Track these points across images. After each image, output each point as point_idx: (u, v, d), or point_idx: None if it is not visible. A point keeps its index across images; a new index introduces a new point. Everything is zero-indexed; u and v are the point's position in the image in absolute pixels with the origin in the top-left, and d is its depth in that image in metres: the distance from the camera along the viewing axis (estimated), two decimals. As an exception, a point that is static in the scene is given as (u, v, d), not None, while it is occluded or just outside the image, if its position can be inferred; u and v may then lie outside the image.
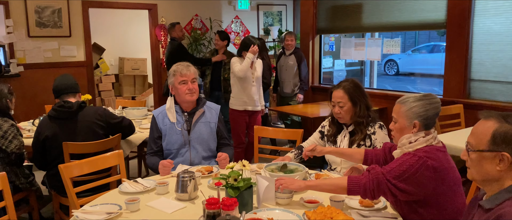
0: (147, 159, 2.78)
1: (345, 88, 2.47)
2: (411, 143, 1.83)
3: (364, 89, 2.53)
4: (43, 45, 5.72)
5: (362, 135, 2.45)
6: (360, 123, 2.46)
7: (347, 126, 2.54)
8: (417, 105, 1.86)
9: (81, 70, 6.07)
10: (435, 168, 1.73)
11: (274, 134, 3.14)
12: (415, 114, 1.86)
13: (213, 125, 2.80)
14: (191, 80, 2.70)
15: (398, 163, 1.77)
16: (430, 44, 17.11)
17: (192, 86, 2.70)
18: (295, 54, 5.44)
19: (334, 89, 2.52)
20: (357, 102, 2.45)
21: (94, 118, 3.01)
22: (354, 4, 5.32)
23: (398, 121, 1.92)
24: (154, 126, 2.77)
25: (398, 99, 1.96)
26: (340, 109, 2.45)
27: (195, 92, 2.72)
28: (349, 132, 2.52)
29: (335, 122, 2.59)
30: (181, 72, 2.71)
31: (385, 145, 2.20)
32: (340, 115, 2.46)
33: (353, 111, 2.45)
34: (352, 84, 2.49)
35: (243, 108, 4.41)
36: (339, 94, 2.46)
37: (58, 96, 3.03)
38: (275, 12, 7.99)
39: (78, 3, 5.91)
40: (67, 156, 2.88)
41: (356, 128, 2.48)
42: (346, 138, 2.52)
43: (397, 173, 1.75)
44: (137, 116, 4.19)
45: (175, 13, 6.73)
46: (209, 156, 2.80)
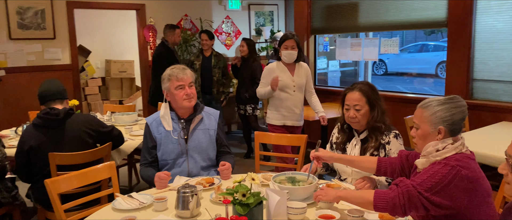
0: (140, 170, 2.57)
1: (362, 90, 2.28)
2: (438, 151, 1.67)
3: (379, 93, 2.36)
4: (25, 48, 5.45)
5: (376, 143, 2.25)
6: (377, 129, 2.26)
7: (358, 133, 2.35)
8: (442, 110, 1.70)
9: (67, 74, 5.81)
10: (469, 178, 1.58)
11: (277, 140, 2.96)
12: (440, 119, 1.70)
13: (212, 132, 2.60)
14: (188, 84, 2.50)
15: (429, 174, 1.61)
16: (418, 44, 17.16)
17: (190, 91, 2.49)
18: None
19: (348, 91, 2.33)
20: (375, 106, 2.27)
21: (82, 126, 2.79)
22: (349, 3, 5.17)
23: (421, 127, 1.75)
24: (148, 134, 2.56)
25: (420, 103, 1.79)
26: (356, 112, 2.25)
27: (193, 98, 2.52)
28: (361, 140, 2.33)
29: (344, 128, 2.40)
30: (177, 76, 2.50)
31: (401, 152, 2.03)
32: (356, 119, 2.27)
33: (371, 115, 2.26)
34: (368, 86, 2.32)
35: (282, 123, 3.79)
36: (355, 97, 2.27)
37: (43, 103, 2.80)
38: (267, 12, 7.82)
39: (62, 3, 5.65)
40: (54, 168, 2.66)
41: (371, 134, 2.28)
42: (357, 146, 2.33)
43: (429, 184, 1.58)
44: (127, 121, 3.97)
45: (164, 13, 6.51)
46: (208, 166, 2.60)
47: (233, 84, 6.16)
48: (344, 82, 7.14)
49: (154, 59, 5.46)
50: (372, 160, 2.07)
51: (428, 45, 16.79)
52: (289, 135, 2.94)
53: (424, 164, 1.72)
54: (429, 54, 15.84)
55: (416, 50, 16.65)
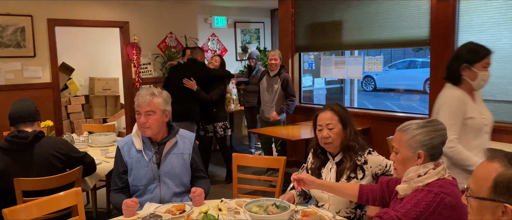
0: (111, 196, 2.46)
1: (334, 109, 2.23)
2: (420, 176, 1.60)
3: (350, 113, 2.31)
4: (4, 66, 5.33)
5: (351, 163, 2.17)
6: (351, 148, 2.19)
7: (333, 156, 2.27)
8: (421, 133, 1.64)
9: (47, 92, 5.68)
10: (453, 206, 1.51)
11: (255, 162, 2.87)
12: (419, 143, 1.64)
13: (187, 156, 2.49)
14: (144, 112, 2.34)
15: (412, 203, 1.54)
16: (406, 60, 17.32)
17: (143, 120, 2.33)
18: (279, 76, 4.96)
19: (320, 112, 2.27)
20: (347, 124, 2.21)
21: (52, 150, 2.67)
22: (333, 21, 5.15)
23: (400, 151, 1.69)
24: (119, 158, 2.45)
25: (399, 127, 1.73)
26: (330, 131, 2.18)
27: (149, 128, 2.35)
28: (336, 163, 2.25)
29: (318, 153, 2.32)
30: (136, 101, 2.39)
31: (381, 179, 1.95)
32: (329, 139, 2.18)
33: (344, 134, 2.20)
34: (339, 106, 2.27)
35: None
36: (327, 116, 2.22)
37: (13, 125, 2.69)
38: (253, 29, 7.80)
39: (43, 21, 5.56)
40: (20, 194, 2.53)
41: (345, 154, 2.21)
42: (332, 170, 2.24)
43: (413, 215, 1.51)
44: (104, 142, 3.85)
45: (148, 31, 6.45)
46: (182, 192, 2.49)
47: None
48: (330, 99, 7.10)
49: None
50: (354, 187, 1.99)
51: (416, 61, 16.94)
52: (267, 157, 2.85)
53: (406, 190, 1.65)
54: (417, 70, 15.98)
55: (404, 67, 16.79)
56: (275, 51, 5.06)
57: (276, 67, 5.01)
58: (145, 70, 6.52)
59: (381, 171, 2.17)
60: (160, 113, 2.39)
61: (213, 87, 4.95)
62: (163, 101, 2.42)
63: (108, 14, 6.09)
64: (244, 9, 7.57)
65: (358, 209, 2.21)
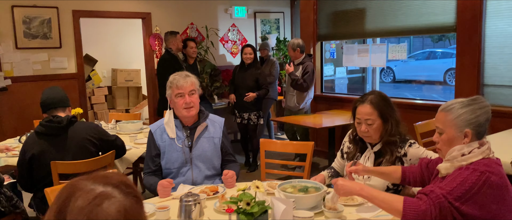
0: (144, 179, 2.52)
1: (373, 103, 2.14)
2: (464, 155, 1.59)
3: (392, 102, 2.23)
4: (31, 57, 5.45)
5: (392, 157, 2.13)
6: (392, 143, 2.14)
7: (372, 145, 2.23)
8: (466, 112, 1.63)
9: (72, 83, 5.80)
10: (498, 186, 1.50)
11: (282, 147, 2.89)
12: (466, 122, 1.62)
13: (217, 140, 2.54)
14: (188, 92, 2.43)
15: (458, 181, 1.53)
16: (426, 51, 17.04)
17: (189, 100, 2.42)
18: (302, 65, 4.97)
19: (358, 104, 2.19)
20: (388, 119, 2.14)
21: (85, 134, 2.75)
22: (356, 9, 5.11)
23: (446, 131, 1.67)
24: (152, 142, 2.51)
25: (441, 107, 1.72)
26: (368, 127, 2.13)
27: (193, 107, 2.44)
28: (375, 152, 2.22)
29: (357, 139, 2.28)
30: (177, 84, 2.45)
31: (421, 160, 1.96)
32: (368, 133, 2.15)
33: (384, 129, 2.14)
34: (379, 97, 2.18)
35: None
36: (366, 110, 2.14)
37: (46, 111, 2.77)
38: (273, 19, 7.79)
39: (68, 12, 5.66)
40: (56, 177, 2.61)
41: (386, 148, 2.16)
42: (370, 159, 2.21)
43: (459, 193, 1.50)
44: (132, 130, 3.93)
45: (169, 22, 6.50)
46: (213, 175, 2.53)
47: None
48: (352, 89, 7.06)
49: (158, 68, 5.43)
50: (398, 169, 1.99)
51: (435, 52, 16.67)
52: (295, 143, 2.87)
53: (448, 169, 1.64)
54: (437, 61, 15.71)
55: (424, 58, 16.52)
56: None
57: (294, 58, 5.06)
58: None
59: None
60: (197, 91, 2.48)
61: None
62: (197, 81, 2.50)
63: (131, 5, 6.17)
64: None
65: None
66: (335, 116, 5.02)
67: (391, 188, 2.17)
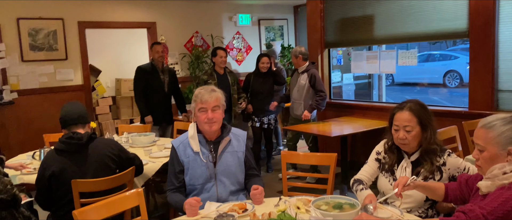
0: (168, 196, 2.47)
1: (412, 109, 2.13)
2: (506, 174, 1.56)
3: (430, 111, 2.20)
4: (37, 69, 5.41)
5: (432, 167, 2.10)
6: (431, 151, 2.11)
7: (409, 155, 2.19)
8: (509, 129, 1.60)
9: (79, 95, 5.75)
10: None
11: (305, 159, 2.85)
12: (509, 139, 1.59)
13: (241, 154, 2.49)
14: (211, 108, 2.39)
15: (499, 201, 1.50)
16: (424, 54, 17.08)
17: (212, 116, 2.37)
18: (307, 72, 4.96)
19: (397, 111, 2.17)
20: (427, 126, 2.11)
21: (106, 150, 2.70)
22: (365, 15, 5.10)
23: (487, 149, 1.64)
24: (175, 158, 2.46)
25: (481, 123, 1.69)
26: (407, 134, 2.10)
27: (216, 122, 2.40)
28: (412, 162, 2.17)
29: (393, 149, 2.23)
30: (201, 98, 2.41)
31: (460, 177, 1.92)
32: (406, 141, 2.11)
33: (423, 137, 2.12)
34: (418, 104, 2.16)
35: None
36: (405, 117, 2.12)
37: (65, 127, 2.71)
38: (277, 26, 7.77)
39: (74, 24, 5.62)
40: (77, 195, 2.56)
41: (425, 156, 2.13)
42: (407, 169, 2.17)
43: (500, 213, 1.47)
44: (145, 143, 3.88)
45: (174, 30, 6.47)
46: (237, 190, 2.49)
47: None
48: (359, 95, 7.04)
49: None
50: (442, 186, 1.96)
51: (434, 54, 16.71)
52: (318, 154, 2.82)
53: (489, 187, 1.61)
54: (436, 63, 15.75)
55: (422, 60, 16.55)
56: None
57: (297, 66, 5.04)
58: (173, 70, 6.53)
59: (458, 173, 2.11)
60: (222, 107, 2.44)
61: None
62: (222, 97, 2.44)
63: (136, 15, 6.13)
64: (268, 6, 7.55)
65: (430, 209, 2.16)
66: (344, 123, 4.99)
67: (429, 200, 2.13)
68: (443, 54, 15.96)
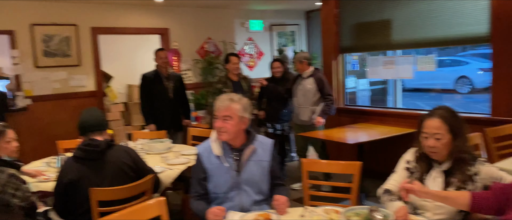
0: (191, 203, 2.40)
1: (442, 116, 2.04)
2: None
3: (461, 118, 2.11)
4: (51, 75, 5.39)
5: (463, 176, 2.01)
6: (462, 160, 2.02)
7: (439, 164, 2.10)
8: None
9: (92, 101, 5.72)
10: None
11: (328, 167, 2.77)
12: None
13: (266, 164, 2.40)
14: (222, 117, 2.30)
15: None
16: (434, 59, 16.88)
17: (221, 125, 2.29)
18: (313, 77, 4.87)
19: (426, 118, 2.08)
20: (457, 134, 2.03)
21: (124, 158, 2.64)
22: (382, 20, 5.02)
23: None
24: (199, 165, 2.40)
25: None
26: (437, 142, 2.02)
27: (225, 133, 2.30)
28: (443, 171, 2.08)
29: (423, 157, 2.15)
30: (216, 105, 2.35)
31: (495, 186, 1.82)
32: (435, 149, 2.03)
33: (453, 145, 2.03)
34: (448, 111, 2.08)
35: None
36: (435, 124, 2.03)
37: (83, 134, 2.66)
38: (288, 32, 7.72)
39: (87, 30, 5.60)
40: (95, 204, 2.50)
41: (456, 166, 2.04)
42: (438, 179, 2.08)
43: None
44: (161, 149, 3.82)
45: (187, 37, 6.44)
46: (261, 200, 2.40)
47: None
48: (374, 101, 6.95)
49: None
50: (465, 195, 1.86)
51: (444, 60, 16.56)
52: (342, 162, 2.73)
53: None
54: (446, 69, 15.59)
55: (433, 66, 16.34)
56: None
57: (301, 71, 4.94)
58: (185, 76, 6.50)
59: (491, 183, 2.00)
60: (237, 119, 2.32)
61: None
62: (242, 108, 2.35)
63: (149, 21, 6.11)
64: (280, 12, 7.50)
65: None
66: (360, 130, 4.90)
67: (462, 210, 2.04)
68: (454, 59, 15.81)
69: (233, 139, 2.36)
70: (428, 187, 2.08)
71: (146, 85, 4.99)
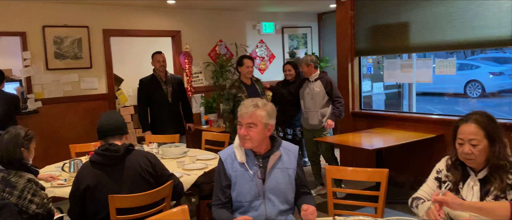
0: (214, 211, 2.30)
1: (478, 121, 1.95)
2: None
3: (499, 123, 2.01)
4: (62, 78, 5.31)
5: (502, 184, 1.90)
6: (501, 167, 1.91)
7: (476, 172, 2.00)
8: None
9: (103, 104, 5.65)
10: None
11: (353, 175, 2.66)
12: None
13: (292, 171, 2.30)
14: (245, 124, 2.20)
15: None
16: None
17: (245, 133, 2.19)
18: (321, 80, 4.78)
19: (461, 123, 1.99)
20: (495, 140, 1.92)
21: (143, 163, 2.54)
22: (399, 22, 4.91)
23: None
24: (222, 171, 2.30)
25: None
26: (472, 148, 1.92)
27: (249, 140, 2.20)
28: (480, 180, 1.98)
29: (457, 165, 2.04)
30: (239, 112, 2.26)
31: None
32: (472, 156, 1.93)
33: (490, 151, 1.92)
34: (485, 116, 1.98)
35: None
36: (471, 130, 1.94)
37: (102, 138, 2.57)
38: (300, 34, 7.62)
39: (99, 32, 5.53)
40: (113, 211, 2.41)
41: (494, 173, 1.93)
42: (475, 188, 1.97)
43: None
44: (176, 154, 3.74)
45: (198, 39, 6.36)
46: (287, 210, 2.30)
47: None
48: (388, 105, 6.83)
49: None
50: (505, 205, 1.75)
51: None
52: (369, 170, 2.63)
53: None
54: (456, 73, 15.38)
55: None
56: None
57: (309, 74, 4.83)
58: (196, 79, 6.42)
59: None
60: (262, 126, 2.22)
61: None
62: (267, 114, 2.24)
63: (161, 23, 6.04)
64: (292, 14, 7.41)
65: None
66: (377, 135, 4.78)
67: None
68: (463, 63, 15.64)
69: (257, 146, 2.27)
70: (463, 197, 1.98)
71: (143, 91, 4.91)
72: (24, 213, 2.41)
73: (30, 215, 2.41)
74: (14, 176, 2.47)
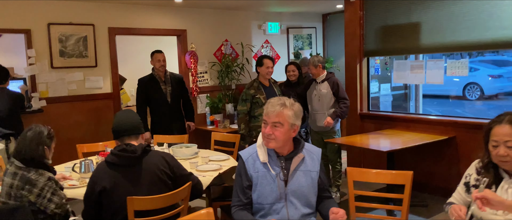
0: (234, 213, 2.23)
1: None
2: None
3: None
4: (67, 76, 5.22)
5: None
6: None
7: (510, 174, 1.94)
8: None
9: (108, 103, 5.56)
10: None
11: (376, 177, 2.60)
12: None
13: (315, 175, 2.23)
14: (271, 123, 2.14)
15: None
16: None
17: (270, 132, 2.13)
18: (328, 81, 4.71)
19: (494, 125, 1.94)
20: None
21: (161, 164, 2.47)
22: (409, 23, 4.86)
23: None
24: (243, 171, 2.23)
25: None
26: (509, 150, 1.87)
27: (273, 140, 2.14)
28: None
29: (489, 167, 1.99)
30: (266, 110, 2.19)
31: None
32: (508, 158, 1.87)
33: None
34: None
35: None
36: (505, 131, 1.89)
37: (117, 138, 2.49)
38: (305, 35, 7.57)
39: (104, 30, 5.45)
40: (132, 214, 2.33)
41: None
42: (509, 191, 1.92)
43: None
44: (188, 154, 3.66)
45: (204, 39, 6.29)
46: (309, 214, 2.23)
47: None
48: (394, 106, 6.78)
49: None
50: None
51: (452, 66, 16.31)
52: (393, 172, 2.57)
53: None
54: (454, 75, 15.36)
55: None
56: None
57: (317, 75, 4.76)
58: (202, 79, 6.35)
59: None
60: (288, 126, 2.15)
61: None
62: (294, 114, 2.17)
63: (167, 22, 5.96)
64: (297, 14, 7.36)
65: None
66: (386, 137, 4.73)
67: None
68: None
69: (281, 147, 2.20)
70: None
71: (141, 91, 4.82)
72: (41, 213, 2.33)
73: (47, 215, 2.34)
74: (34, 173, 2.41)
